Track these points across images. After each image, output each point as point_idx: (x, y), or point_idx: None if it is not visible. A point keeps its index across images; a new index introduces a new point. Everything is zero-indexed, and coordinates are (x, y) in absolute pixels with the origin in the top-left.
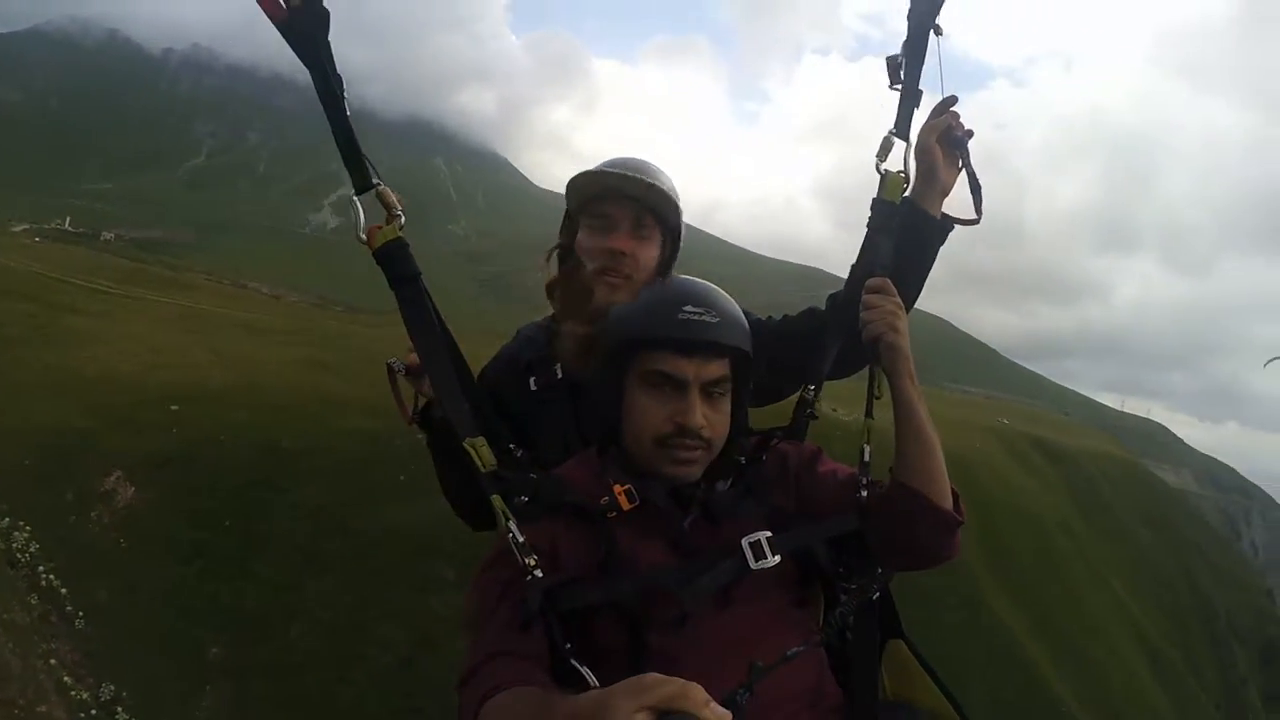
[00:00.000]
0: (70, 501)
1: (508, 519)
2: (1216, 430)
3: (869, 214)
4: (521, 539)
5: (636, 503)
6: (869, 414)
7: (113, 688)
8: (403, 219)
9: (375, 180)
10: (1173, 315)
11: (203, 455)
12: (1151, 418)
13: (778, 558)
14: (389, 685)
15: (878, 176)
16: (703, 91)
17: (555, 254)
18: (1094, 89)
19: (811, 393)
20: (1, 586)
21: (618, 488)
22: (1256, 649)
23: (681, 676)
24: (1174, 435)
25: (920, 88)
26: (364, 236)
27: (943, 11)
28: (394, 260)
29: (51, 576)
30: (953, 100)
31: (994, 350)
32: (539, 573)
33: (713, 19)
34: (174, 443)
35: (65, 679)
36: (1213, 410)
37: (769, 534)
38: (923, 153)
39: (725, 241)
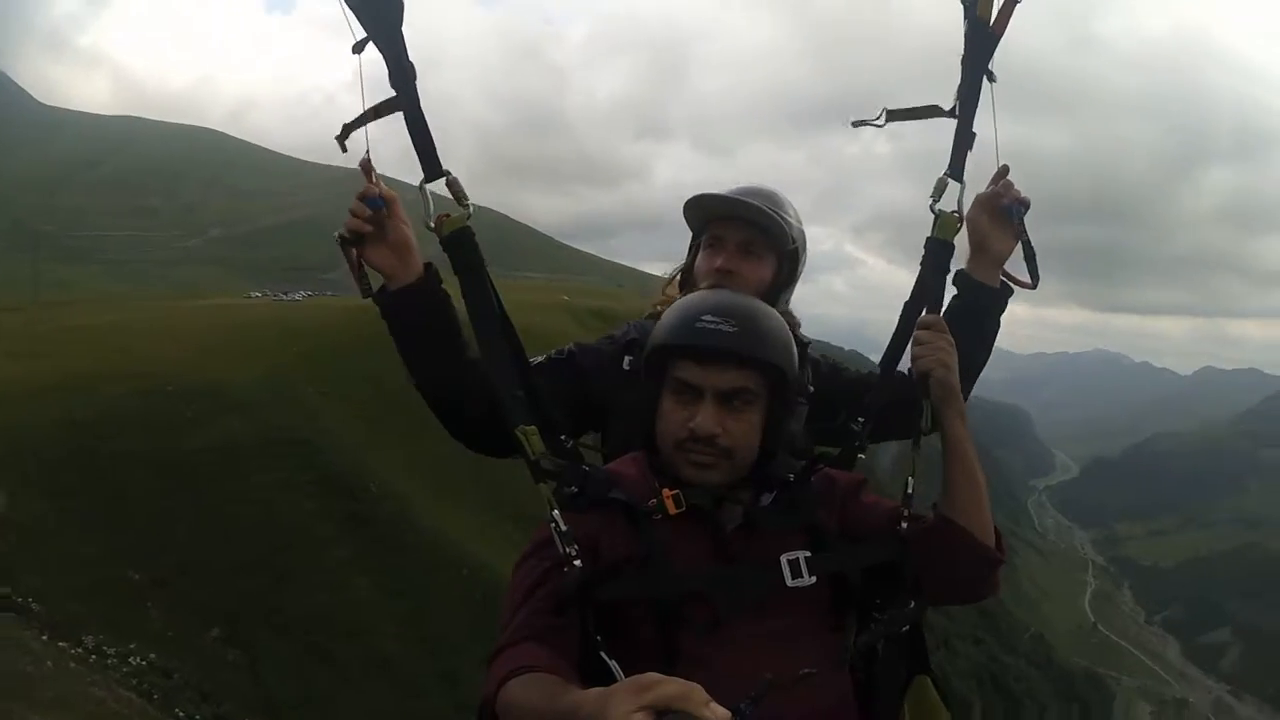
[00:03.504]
0: None
1: (552, 508)
2: None
3: (922, 252)
4: (565, 528)
5: (683, 508)
6: (916, 446)
7: None
8: (471, 208)
9: (445, 170)
10: (703, 191)
11: None
12: None
13: (814, 578)
14: None
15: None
16: None
17: (678, 279)
18: None
19: (860, 424)
20: None
21: (667, 492)
22: None
23: (705, 681)
24: None
25: (974, 130)
26: (432, 224)
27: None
28: (461, 248)
29: None
30: (1005, 170)
31: (548, 236)
32: (579, 563)
33: None
34: None
35: None
36: None
37: (808, 554)
38: (974, 226)
39: (262, 148)
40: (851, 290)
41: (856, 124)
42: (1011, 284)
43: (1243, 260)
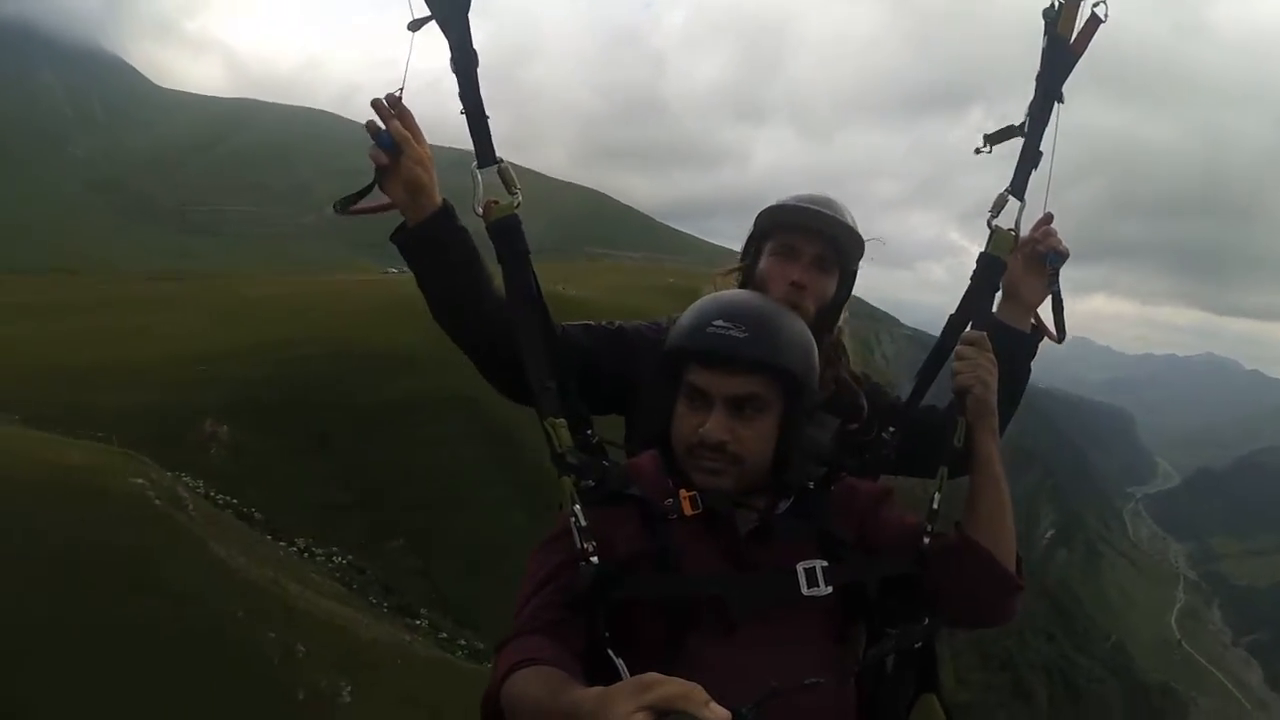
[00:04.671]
0: None
1: (574, 502)
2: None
3: (974, 266)
4: (584, 524)
5: (700, 510)
6: (946, 462)
7: None
8: (519, 196)
9: (499, 158)
10: (802, 177)
11: None
12: None
13: (829, 589)
14: None
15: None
16: None
17: (737, 275)
18: None
19: (890, 433)
20: None
21: (684, 493)
22: None
23: (709, 683)
24: None
25: (1041, 149)
26: (479, 210)
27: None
28: (507, 235)
29: None
30: (1049, 219)
31: (648, 215)
32: (595, 559)
33: None
34: None
35: None
36: None
37: (825, 563)
38: (1009, 269)
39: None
40: (951, 278)
41: (979, 150)
42: (1040, 331)
43: None
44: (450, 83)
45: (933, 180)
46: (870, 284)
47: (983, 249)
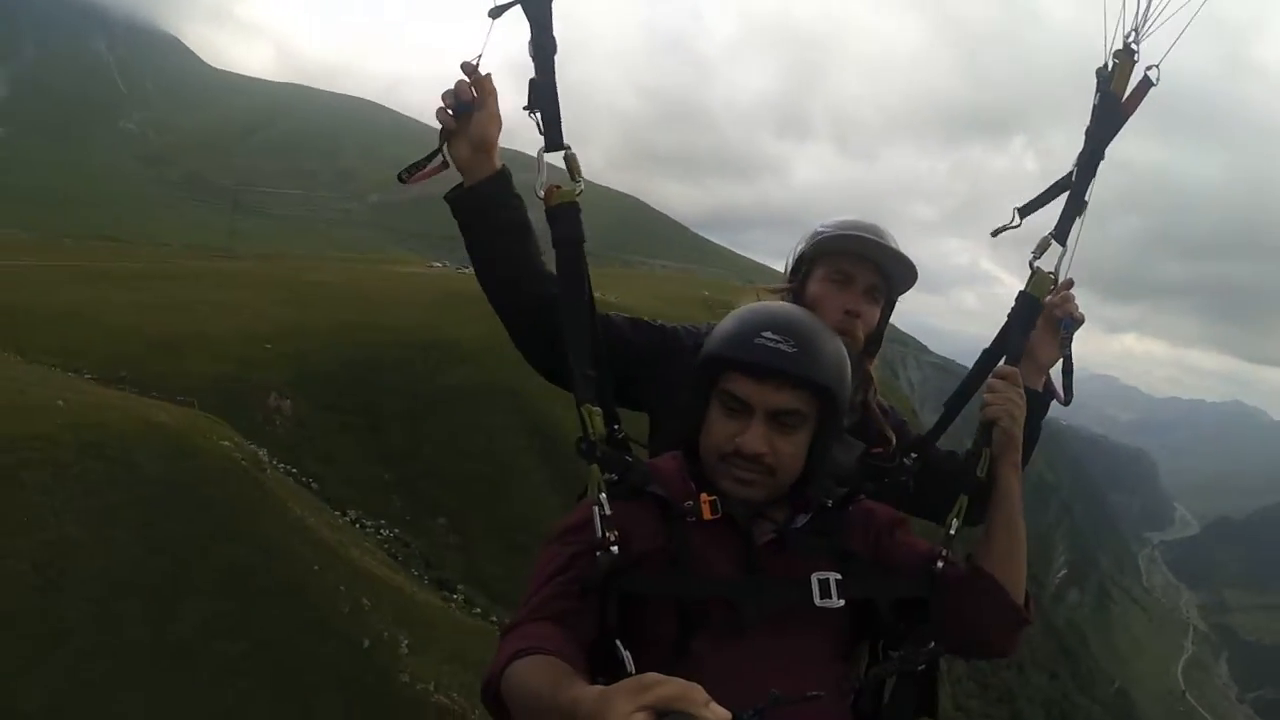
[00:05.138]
0: None
1: (600, 491)
2: None
3: (1012, 304)
4: (608, 512)
5: (719, 515)
6: (968, 491)
7: None
8: (582, 185)
9: (566, 144)
10: (842, 194)
11: None
12: None
13: (841, 601)
14: None
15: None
16: None
17: (786, 295)
18: None
19: (912, 459)
20: None
21: (705, 497)
22: None
23: (710, 686)
24: None
25: (1087, 199)
26: (541, 193)
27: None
28: (565, 221)
29: None
30: (1070, 284)
31: (682, 225)
32: (615, 549)
33: None
34: None
35: None
36: None
37: (839, 576)
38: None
39: (417, 120)
40: (984, 306)
41: (996, 232)
42: (1050, 392)
43: None
44: (502, 82)
45: (969, 205)
46: (901, 308)
47: (1022, 288)
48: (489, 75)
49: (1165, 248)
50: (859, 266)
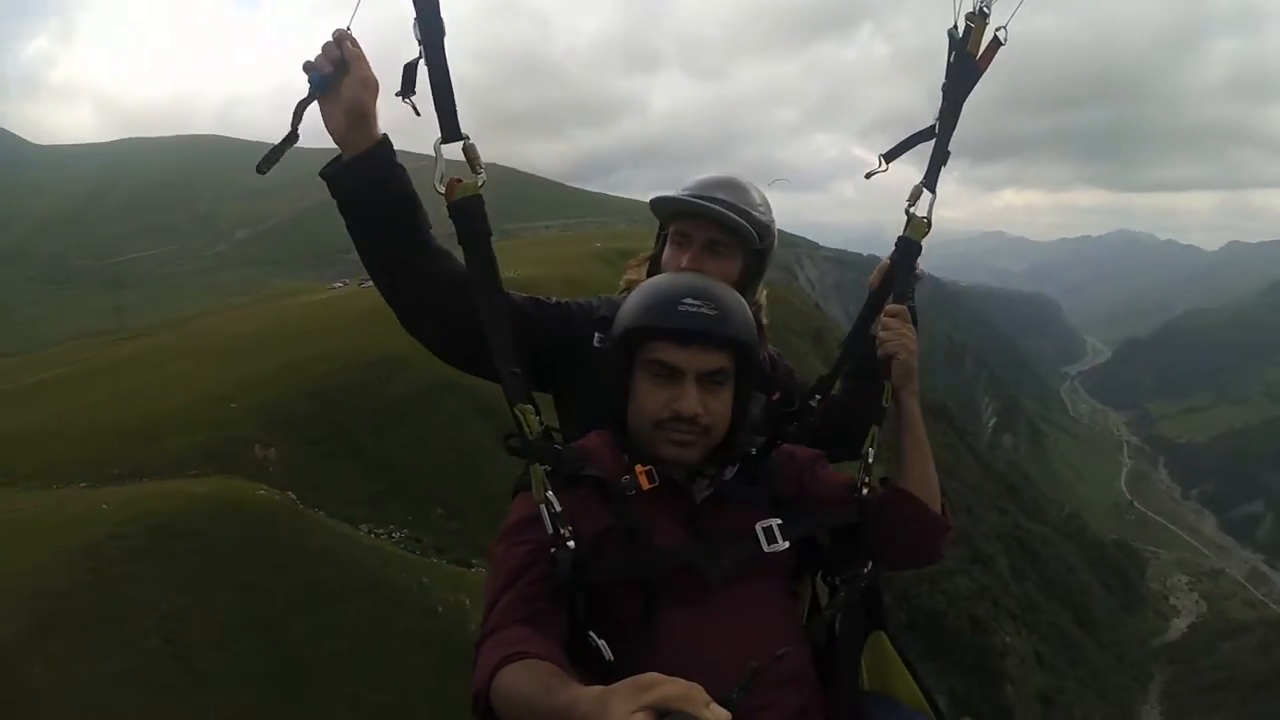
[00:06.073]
0: None
1: (546, 489)
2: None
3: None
4: (559, 509)
5: (657, 483)
6: (876, 421)
7: None
8: (484, 176)
9: (464, 134)
10: (702, 117)
11: None
12: None
13: (788, 543)
14: None
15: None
16: None
17: (647, 263)
18: None
19: (817, 401)
20: None
21: (640, 468)
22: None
23: (689, 653)
24: None
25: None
26: (441, 188)
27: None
28: (470, 216)
29: None
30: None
31: (555, 181)
32: (572, 544)
33: None
34: None
35: None
36: None
37: (779, 521)
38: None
39: (260, 143)
40: (863, 195)
41: (869, 175)
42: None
43: (1259, 130)
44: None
45: (830, 100)
46: (786, 210)
47: (901, 233)
48: (356, 43)
49: (1020, 105)
50: (694, 225)
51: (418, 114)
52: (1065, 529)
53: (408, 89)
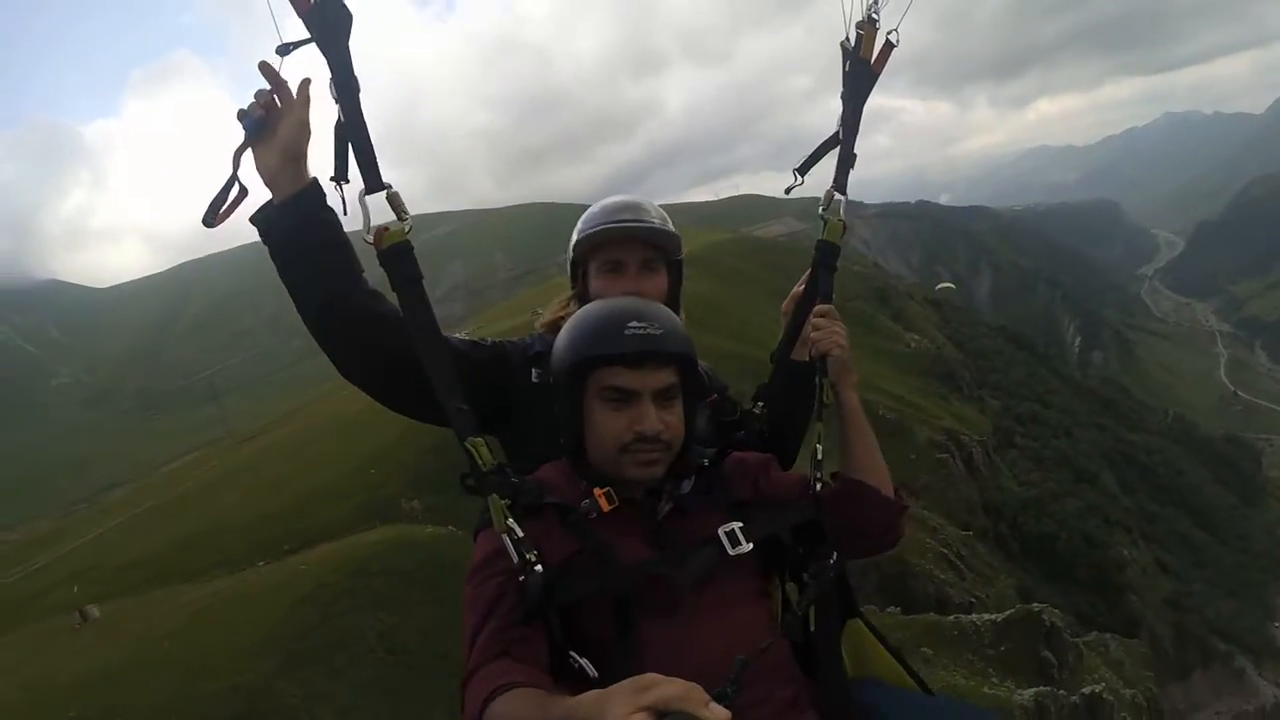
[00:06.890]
0: None
1: (506, 518)
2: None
3: (814, 253)
4: (521, 534)
5: (616, 504)
6: (819, 418)
7: None
8: (410, 223)
9: (386, 183)
10: (718, 103)
11: None
12: (743, 191)
13: (751, 544)
14: None
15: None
16: (209, 102)
17: (574, 303)
18: None
19: (760, 408)
20: None
21: (598, 491)
22: None
23: (671, 662)
24: (765, 196)
25: (855, 152)
26: (370, 238)
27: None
28: (400, 261)
29: None
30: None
31: (589, 204)
32: (539, 568)
33: (185, 26)
34: None
35: None
36: (784, 159)
37: (740, 524)
38: (796, 320)
39: None
40: (898, 141)
41: (788, 190)
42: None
43: None
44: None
45: (838, 58)
46: (824, 179)
47: (820, 237)
48: (288, 83)
49: (1032, 10)
50: (624, 249)
51: (345, 213)
52: (1171, 434)
53: (341, 173)
